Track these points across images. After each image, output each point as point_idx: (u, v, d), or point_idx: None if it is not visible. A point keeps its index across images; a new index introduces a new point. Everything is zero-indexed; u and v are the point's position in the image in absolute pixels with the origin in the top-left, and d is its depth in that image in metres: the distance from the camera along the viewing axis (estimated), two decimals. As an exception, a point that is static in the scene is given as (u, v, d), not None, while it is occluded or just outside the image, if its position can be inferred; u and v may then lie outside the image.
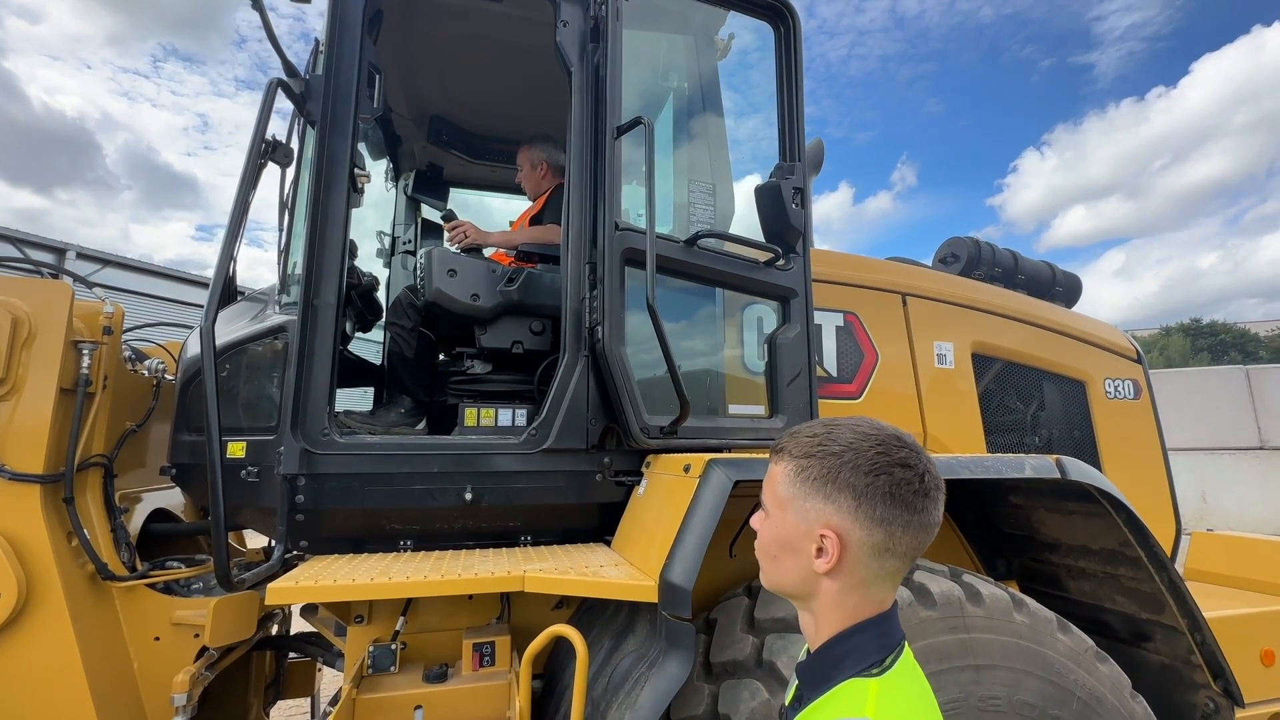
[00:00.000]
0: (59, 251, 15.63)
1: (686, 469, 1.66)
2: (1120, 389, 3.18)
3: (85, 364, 1.96)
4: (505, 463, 2.08)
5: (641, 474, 2.12)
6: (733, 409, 2.27)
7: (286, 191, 2.25)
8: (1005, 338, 3.00)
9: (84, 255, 16.42)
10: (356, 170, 2.12)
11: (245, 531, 3.08)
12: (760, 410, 2.30)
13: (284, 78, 1.90)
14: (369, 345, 3.74)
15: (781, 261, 2.33)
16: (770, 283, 2.33)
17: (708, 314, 2.46)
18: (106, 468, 2.13)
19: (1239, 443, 7.36)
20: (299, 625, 3.10)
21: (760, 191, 2.37)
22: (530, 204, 3.37)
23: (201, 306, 1.79)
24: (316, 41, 2.31)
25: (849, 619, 0.80)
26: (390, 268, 3.81)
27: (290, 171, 2.31)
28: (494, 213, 4.38)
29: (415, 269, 3.84)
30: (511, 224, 3.29)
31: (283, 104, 1.99)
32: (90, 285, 2.07)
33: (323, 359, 1.99)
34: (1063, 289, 3.50)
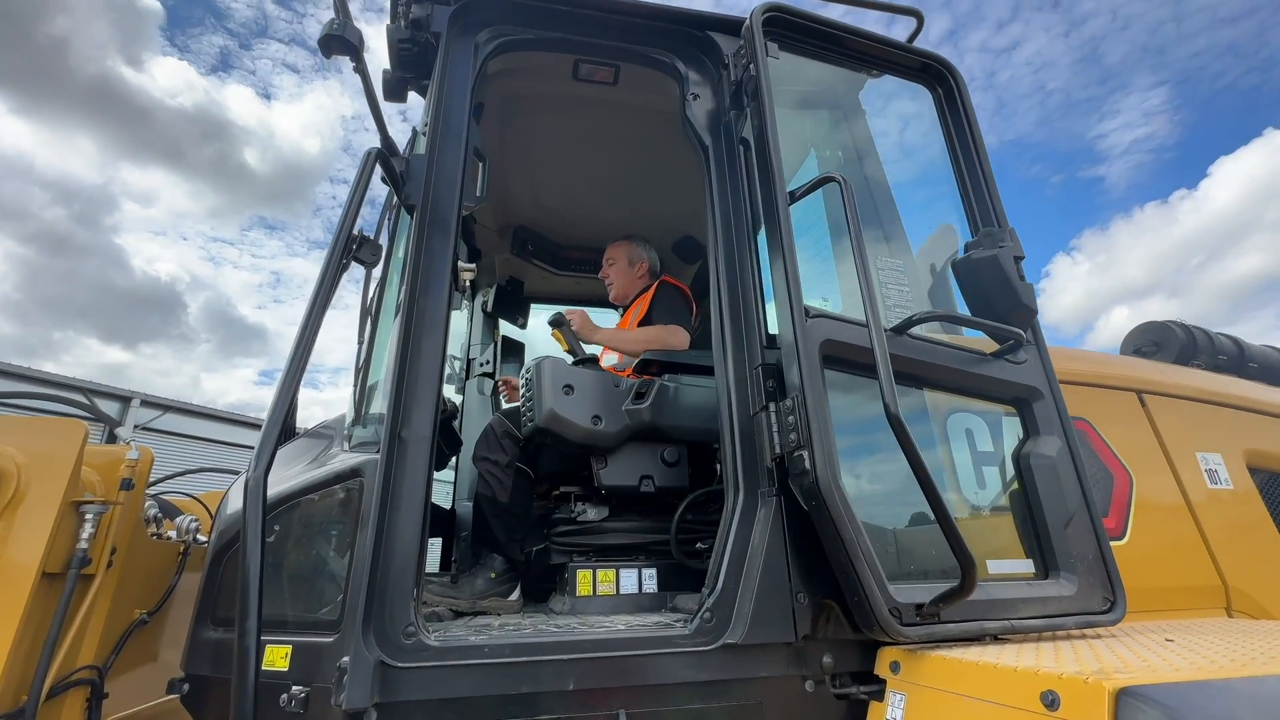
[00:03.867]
0: (124, 399, 16.15)
1: (1051, 701, 0.93)
2: None
3: (86, 534, 1.40)
4: (670, 668, 1.36)
5: (880, 681, 1.36)
6: (990, 566, 1.53)
7: (370, 297, 1.81)
8: (1285, 444, 2.24)
9: (148, 403, 16.92)
10: (460, 264, 1.66)
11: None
12: (1025, 566, 1.57)
13: (384, 150, 1.51)
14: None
15: (1015, 353, 1.72)
16: (1004, 380, 1.71)
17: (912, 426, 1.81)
18: (96, 685, 1.49)
19: None
20: None
21: (968, 266, 1.82)
22: (618, 309, 2.92)
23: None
24: (415, 131, 2.00)
25: None
26: (464, 393, 3.34)
27: (375, 273, 1.88)
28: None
29: (495, 389, 3.36)
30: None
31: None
32: (116, 424, 1.57)
33: (411, 515, 1.39)
34: (1306, 379, 2.76)
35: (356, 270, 1.88)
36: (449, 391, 3.33)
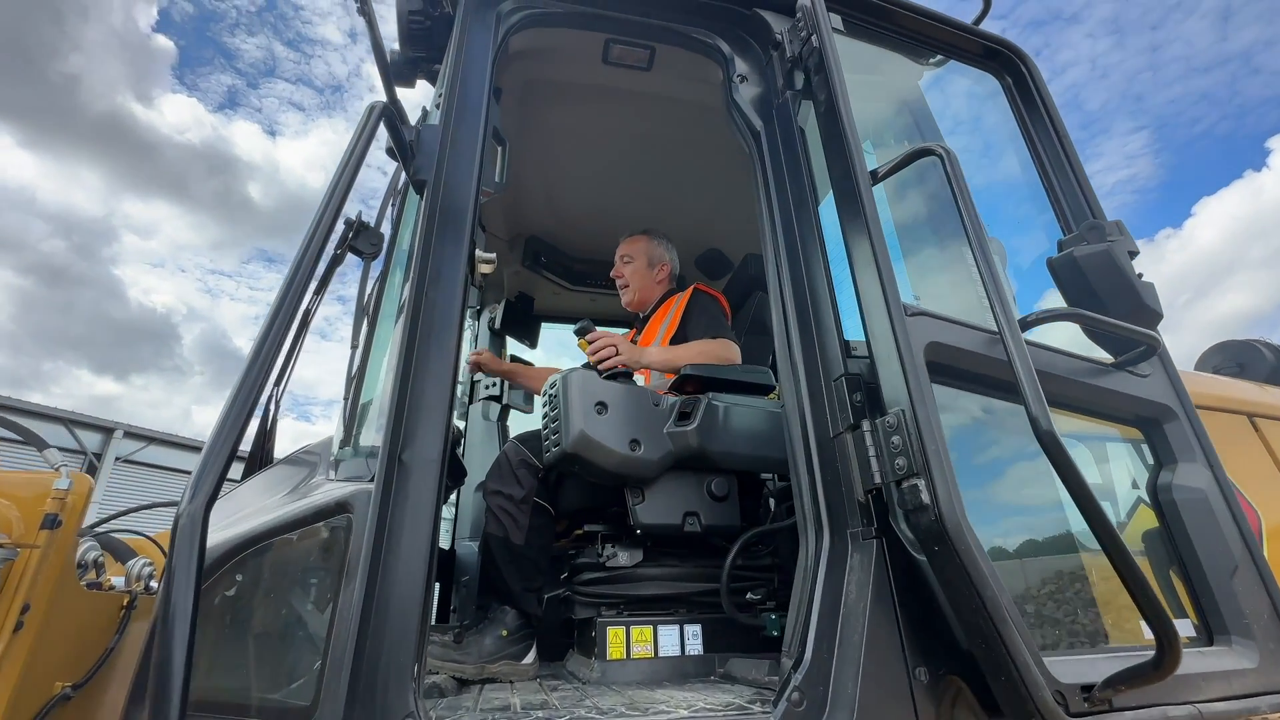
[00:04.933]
0: (107, 431, 15.61)
1: None
2: None
3: (-16, 588, 1.07)
4: (753, 770, 1.02)
5: (1029, 788, 1.03)
6: (1145, 630, 1.22)
7: (368, 294, 1.52)
8: None
9: (131, 434, 16.37)
10: (479, 254, 1.39)
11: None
12: (1182, 628, 1.25)
13: (390, 109, 1.25)
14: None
15: (1137, 363, 1.45)
16: (1128, 395, 1.43)
17: (1000, 450, 1.53)
18: (-10, 789, 1.13)
19: None
20: None
21: (1069, 264, 1.56)
22: (637, 318, 2.62)
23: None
24: (424, 109, 1.75)
25: None
26: (468, 419, 3.03)
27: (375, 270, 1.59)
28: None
29: (502, 410, 3.04)
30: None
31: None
32: (43, 444, 1.26)
33: (413, 563, 1.07)
34: None
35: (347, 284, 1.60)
36: (450, 417, 3.01)
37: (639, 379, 2.19)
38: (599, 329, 1.94)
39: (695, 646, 1.66)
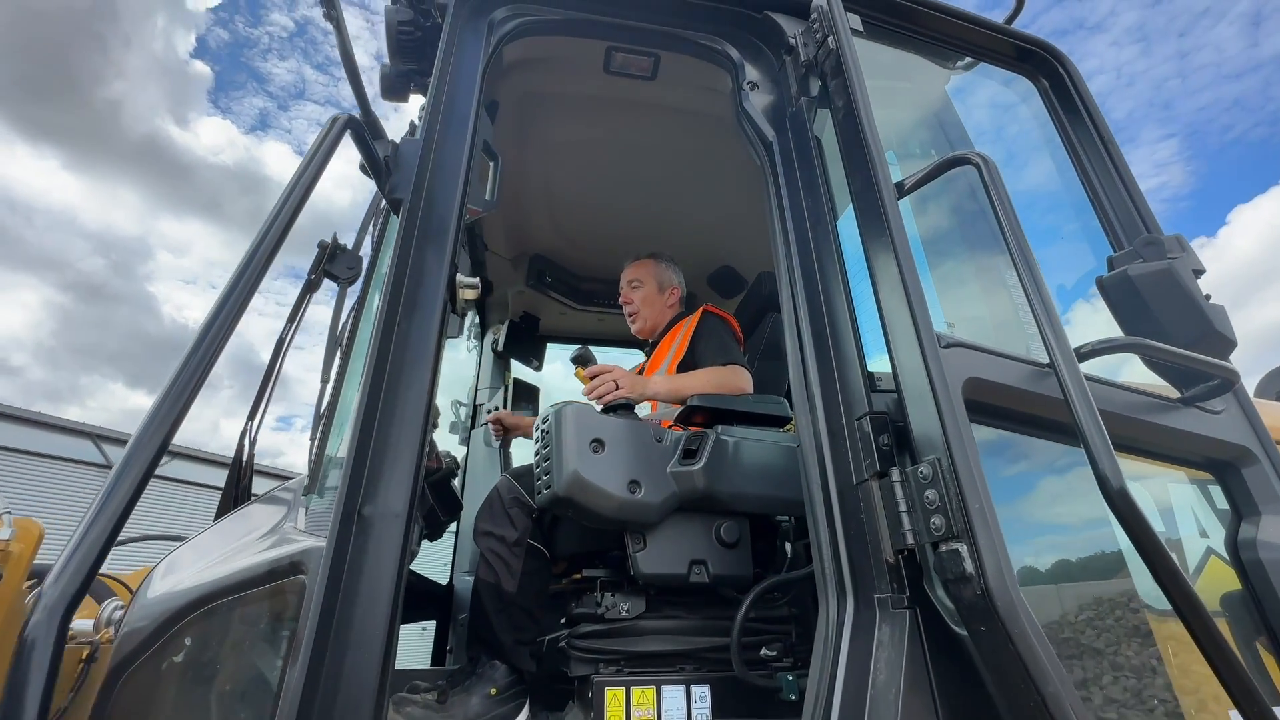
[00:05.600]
0: (132, 446, 15.83)
1: None
2: None
3: (-105, 660, 0.96)
4: None
5: None
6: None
7: (342, 323, 1.41)
8: None
9: (155, 449, 16.57)
10: (460, 279, 1.26)
11: None
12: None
13: (360, 122, 1.14)
14: (429, 552, 2.72)
15: (1207, 399, 1.26)
16: (1199, 435, 1.24)
17: (1042, 498, 1.35)
18: None
19: None
20: None
21: (1122, 284, 1.38)
22: (644, 346, 2.48)
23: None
24: (412, 124, 1.65)
25: None
26: (469, 445, 2.90)
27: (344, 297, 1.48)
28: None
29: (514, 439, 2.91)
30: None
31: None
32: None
33: (368, 636, 0.93)
34: None
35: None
36: (451, 443, 2.89)
37: (645, 409, 2.04)
38: (598, 360, 1.80)
39: (703, 711, 1.49)
